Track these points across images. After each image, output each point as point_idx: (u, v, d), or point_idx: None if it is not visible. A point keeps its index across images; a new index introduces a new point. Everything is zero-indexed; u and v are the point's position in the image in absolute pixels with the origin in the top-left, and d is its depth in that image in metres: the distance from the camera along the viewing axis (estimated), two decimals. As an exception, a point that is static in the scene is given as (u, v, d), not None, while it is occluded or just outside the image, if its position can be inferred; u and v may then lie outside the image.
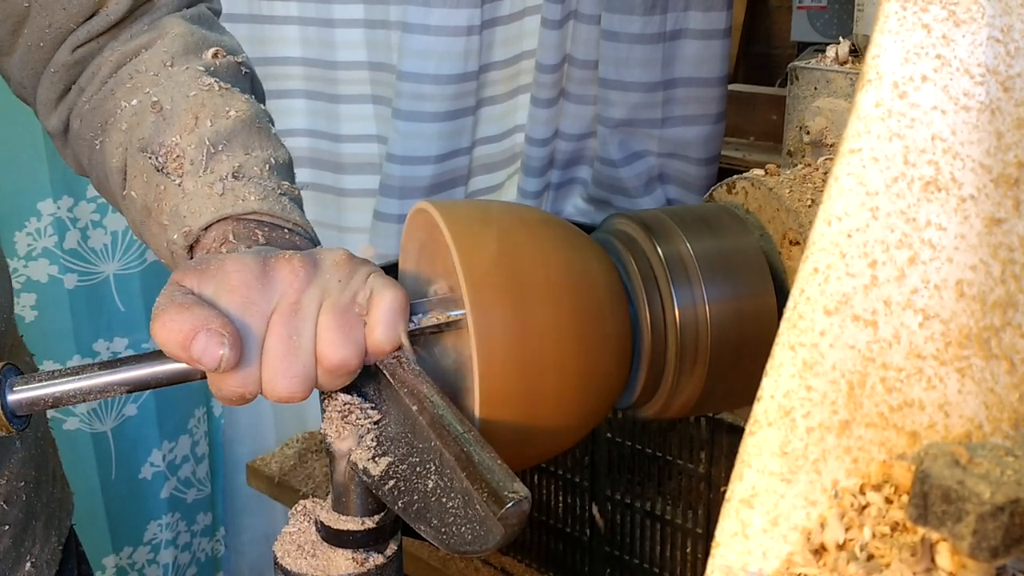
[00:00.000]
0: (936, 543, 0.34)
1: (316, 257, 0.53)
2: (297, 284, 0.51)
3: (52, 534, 0.74)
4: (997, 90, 0.39)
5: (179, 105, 0.61)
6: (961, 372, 0.38)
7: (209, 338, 0.48)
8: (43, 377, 0.52)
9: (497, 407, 0.55)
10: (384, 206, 1.44)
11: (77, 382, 0.51)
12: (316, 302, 0.51)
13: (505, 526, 0.45)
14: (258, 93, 0.69)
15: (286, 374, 0.50)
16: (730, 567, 0.38)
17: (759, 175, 0.71)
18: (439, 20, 1.33)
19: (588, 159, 1.50)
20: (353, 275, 0.52)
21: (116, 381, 0.52)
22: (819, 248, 0.39)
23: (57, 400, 0.51)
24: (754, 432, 0.39)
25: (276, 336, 0.50)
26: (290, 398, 0.50)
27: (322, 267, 0.52)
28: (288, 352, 0.50)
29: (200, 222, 0.57)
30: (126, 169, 0.62)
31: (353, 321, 0.51)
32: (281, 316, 0.50)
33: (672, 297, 0.62)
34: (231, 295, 0.50)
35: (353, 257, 0.54)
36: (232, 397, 0.51)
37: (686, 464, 0.97)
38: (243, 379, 0.50)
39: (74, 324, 1.44)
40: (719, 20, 1.37)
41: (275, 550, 0.55)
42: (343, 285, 0.52)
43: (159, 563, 1.64)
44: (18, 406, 0.51)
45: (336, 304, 0.51)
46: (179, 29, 0.65)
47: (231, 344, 0.48)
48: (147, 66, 0.64)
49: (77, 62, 0.66)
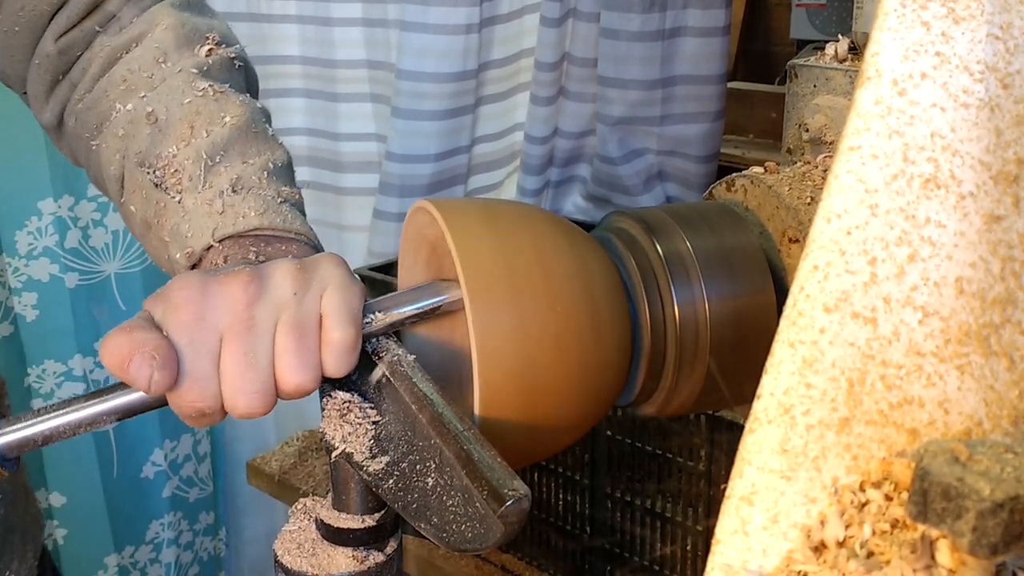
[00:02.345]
0: (936, 540, 0.34)
1: (265, 271, 0.52)
2: (246, 299, 0.50)
3: (28, 549, 0.74)
4: (996, 87, 0.39)
5: (174, 114, 0.60)
6: (961, 369, 0.38)
7: (141, 360, 0.48)
8: (29, 417, 0.51)
9: (497, 405, 0.55)
10: (383, 204, 1.44)
11: (65, 416, 0.51)
12: (271, 318, 0.51)
13: (505, 524, 0.45)
14: (252, 85, 0.69)
15: (245, 391, 0.50)
16: (730, 564, 0.38)
17: (758, 173, 0.71)
18: (438, 18, 1.33)
19: (587, 157, 1.50)
20: (308, 287, 0.52)
21: (105, 411, 0.51)
22: (819, 245, 0.39)
23: (47, 438, 0.51)
24: (754, 430, 0.39)
25: (231, 353, 0.50)
26: (251, 414, 0.50)
27: (272, 280, 0.52)
28: (246, 369, 0.50)
29: (201, 243, 0.58)
30: (124, 179, 0.62)
31: (311, 344, 0.51)
32: (234, 332, 0.50)
33: (672, 295, 0.62)
34: (175, 313, 0.50)
35: (305, 267, 0.53)
36: (191, 414, 0.50)
37: (686, 462, 0.97)
38: (199, 394, 0.50)
39: (75, 323, 1.44)
40: (718, 17, 1.37)
41: (275, 548, 0.55)
42: (299, 299, 0.51)
43: (161, 562, 1.64)
44: (8, 449, 0.51)
45: (293, 322, 0.51)
46: (169, 20, 0.64)
47: (160, 364, 0.48)
48: (140, 64, 0.63)
49: (62, 52, 0.66)
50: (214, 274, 0.51)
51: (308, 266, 0.53)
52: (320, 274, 0.53)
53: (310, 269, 0.53)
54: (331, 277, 0.53)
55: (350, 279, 0.53)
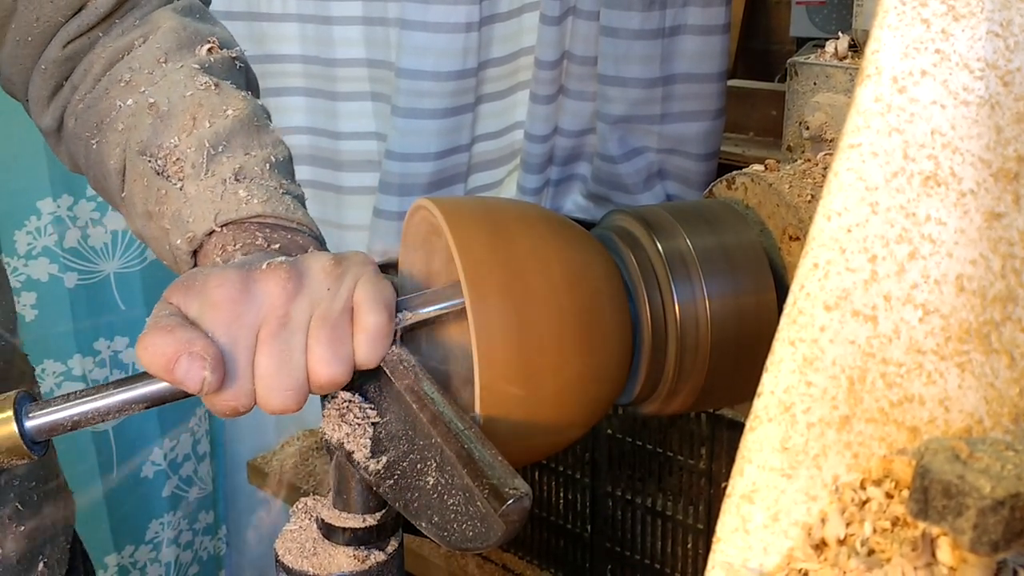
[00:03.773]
0: (937, 538, 0.34)
1: (302, 266, 0.52)
2: (284, 296, 0.50)
3: (60, 533, 0.74)
4: (996, 85, 0.39)
5: (176, 105, 0.60)
6: (961, 367, 0.38)
7: (191, 361, 0.47)
8: (59, 401, 0.51)
9: (497, 404, 0.55)
10: (384, 203, 1.44)
11: (94, 402, 0.51)
12: (306, 314, 0.51)
13: (506, 523, 0.45)
14: (253, 87, 0.69)
15: (279, 388, 0.50)
16: (731, 563, 0.38)
17: (759, 171, 0.71)
18: (437, 17, 1.33)
19: (587, 155, 1.50)
20: (341, 282, 0.52)
21: (134, 398, 0.51)
22: (819, 243, 0.39)
23: (76, 423, 0.51)
24: (754, 428, 0.39)
25: (266, 351, 0.50)
26: (284, 411, 0.50)
27: (309, 276, 0.52)
28: (280, 367, 0.50)
29: (203, 228, 0.57)
30: (125, 171, 0.62)
31: (343, 336, 0.51)
32: (270, 330, 0.50)
33: (672, 293, 0.62)
34: (215, 312, 0.49)
35: (340, 262, 0.53)
36: (225, 411, 0.51)
37: (687, 460, 0.97)
38: (234, 394, 0.50)
39: (74, 323, 1.44)
40: (718, 16, 1.37)
41: (276, 548, 0.55)
42: (332, 294, 0.51)
43: (161, 561, 1.64)
44: (37, 432, 0.51)
45: (326, 316, 0.51)
46: (171, 23, 0.65)
47: (212, 367, 0.48)
48: (141, 63, 0.63)
49: (68, 58, 0.66)
50: (249, 269, 0.51)
51: (341, 259, 0.53)
52: (353, 268, 0.53)
53: (344, 263, 0.53)
54: (363, 271, 0.53)
55: (380, 274, 0.54)
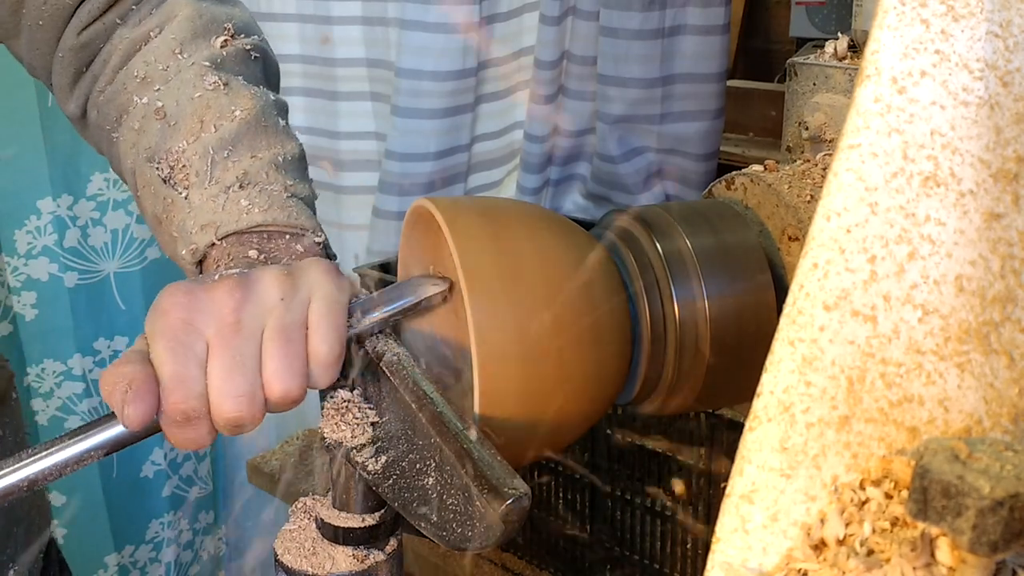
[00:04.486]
0: (936, 538, 0.34)
1: (253, 276, 0.52)
2: (232, 303, 0.50)
3: (34, 541, 0.74)
4: (996, 85, 0.39)
5: (184, 109, 0.61)
6: (961, 367, 0.38)
7: (113, 391, 0.49)
8: (12, 463, 0.50)
9: (496, 403, 0.55)
10: (383, 203, 1.44)
11: (50, 458, 0.49)
12: (257, 321, 0.51)
13: (505, 523, 0.45)
14: (271, 76, 0.69)
15: (232, 393, 0.49)
16: (730, 563, 0.38)
17: (758, 171, 0.71)
18: (437, 17, 1.33)
19: (587, 155, 1.50)
20: (296, 292, 0.52)
21: (92, 446, 0.50)
22: (818, 244, 0.39)
23: (32, 483, 0.49)
24: (754, 428, 0.39)
25: (217, 356, 0.50)
26: (239, 419, 0.50)
27: (260, 284, 0.52)
28: (232, 371, 0.49)
29: (205, 240, 0.58)
30: (135, 175, 0.63)
31: (298, 351, 0.51)
32: (221, 336, 0.50)
33: (671, 293, 0.62)
34: (163, 318, 0.50)
35: (292, 272, 0.53)
36: (177, 417, 0.50)
37: (686, 460, 0.97)
38: (183, 395, 0.49)
39: (74, 323, 1.44)
40: (718, 16, 1.37)
41: (275, 548, 0.55)
42: (286, 304, 0.51)
43: (161, 561, 1.64)
44: None
45: (280, 328, 0.51)
46: (187, 11, 0.64)
47: (131, 398, 0.48)
48: (156, 56, 0.63)
49: (84, 45, 0.66)
50: (201, 281, 0.52)
51: (295, 271, 0.53)
52: (307, 280, 0.53)
53: (296, 275, 0.53)
54: (318, 284, 0.53)
55: (336, 285, 0.53)
